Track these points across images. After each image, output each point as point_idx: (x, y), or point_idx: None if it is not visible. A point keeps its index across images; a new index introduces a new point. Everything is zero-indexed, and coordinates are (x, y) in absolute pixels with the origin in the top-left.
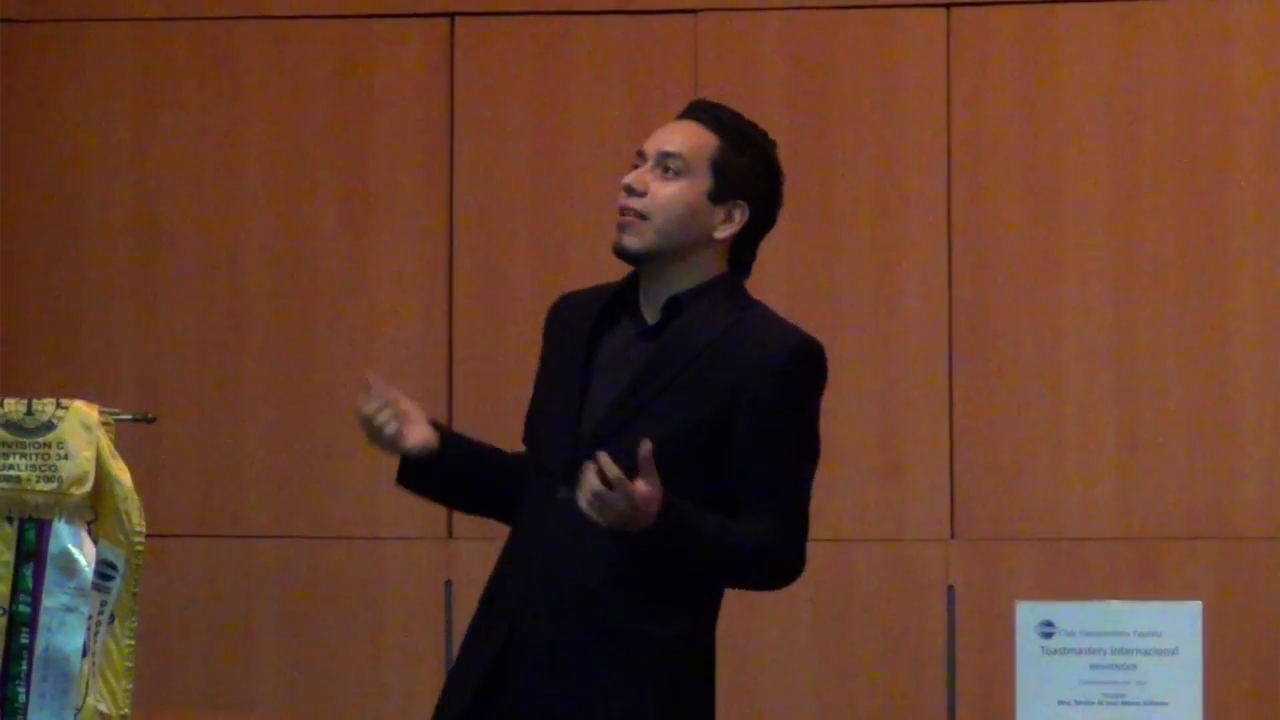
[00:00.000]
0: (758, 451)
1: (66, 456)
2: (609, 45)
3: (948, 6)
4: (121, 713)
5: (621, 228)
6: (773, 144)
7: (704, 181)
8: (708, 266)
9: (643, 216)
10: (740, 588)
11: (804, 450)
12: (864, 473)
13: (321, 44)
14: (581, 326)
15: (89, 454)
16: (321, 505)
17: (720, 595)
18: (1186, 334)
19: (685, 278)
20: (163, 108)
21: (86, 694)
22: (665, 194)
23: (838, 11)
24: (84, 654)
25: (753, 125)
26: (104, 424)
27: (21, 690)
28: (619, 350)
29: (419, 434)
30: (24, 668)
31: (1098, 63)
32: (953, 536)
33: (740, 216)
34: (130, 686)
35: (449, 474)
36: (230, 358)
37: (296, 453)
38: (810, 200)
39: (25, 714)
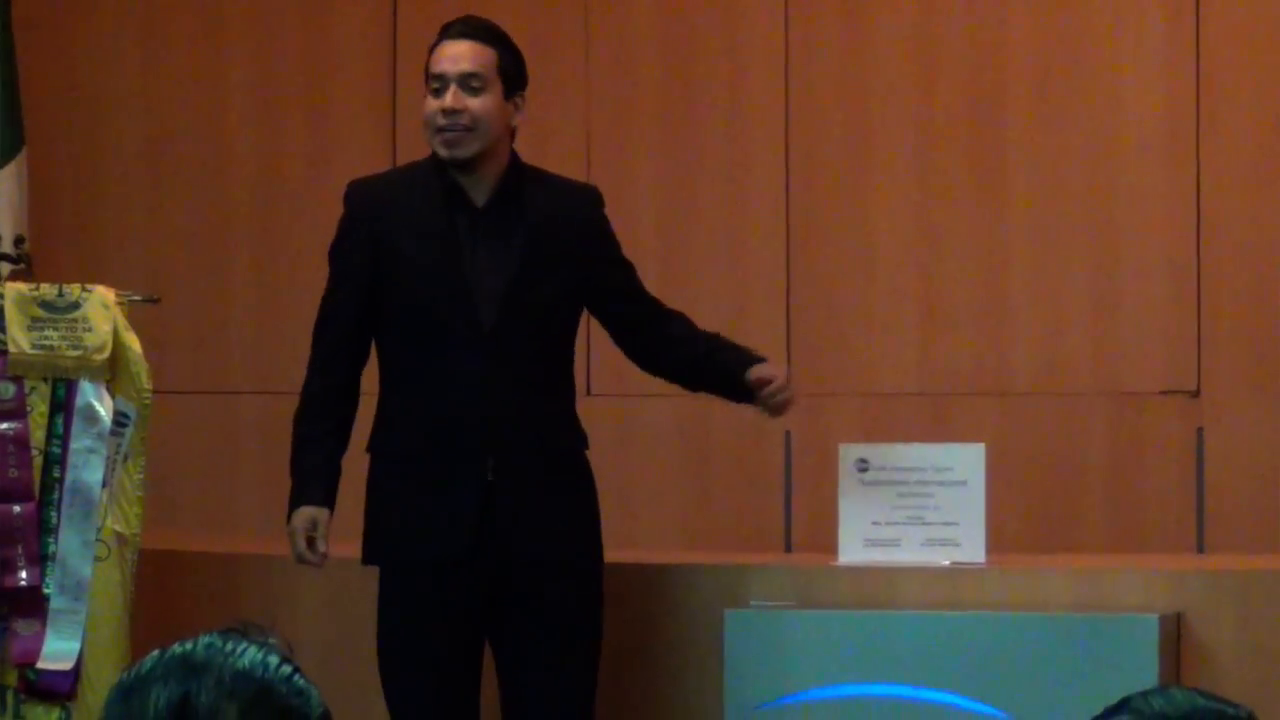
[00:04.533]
0: (623, 273)
1: (90, 329)
2: (517, 3)
3: None
4: (133, 531)
5: (451, 143)
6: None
7: (498, 87)
8: (504, 150)
9: (469, 129)
10: None
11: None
12: None
13: None
14: (430, 212)
15: (107, 327)
16: (293, 367)
17: None
18: (972, 228)
19: (495, 164)
20: (163, 47)
21: (106, 517)
22: (480, 107)
23: None
24: (103, 486)
25: (498, 25)
26: (119, 303)
27: (54, 514)
28: (467, 229)
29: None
30: (56, 496)
31: (904, 18)
32: None
33: (523, 103)
34: (140, 511)
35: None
36: (219, 250)
37: (272, 325)
38: (674, 130)
39: (57, 533)
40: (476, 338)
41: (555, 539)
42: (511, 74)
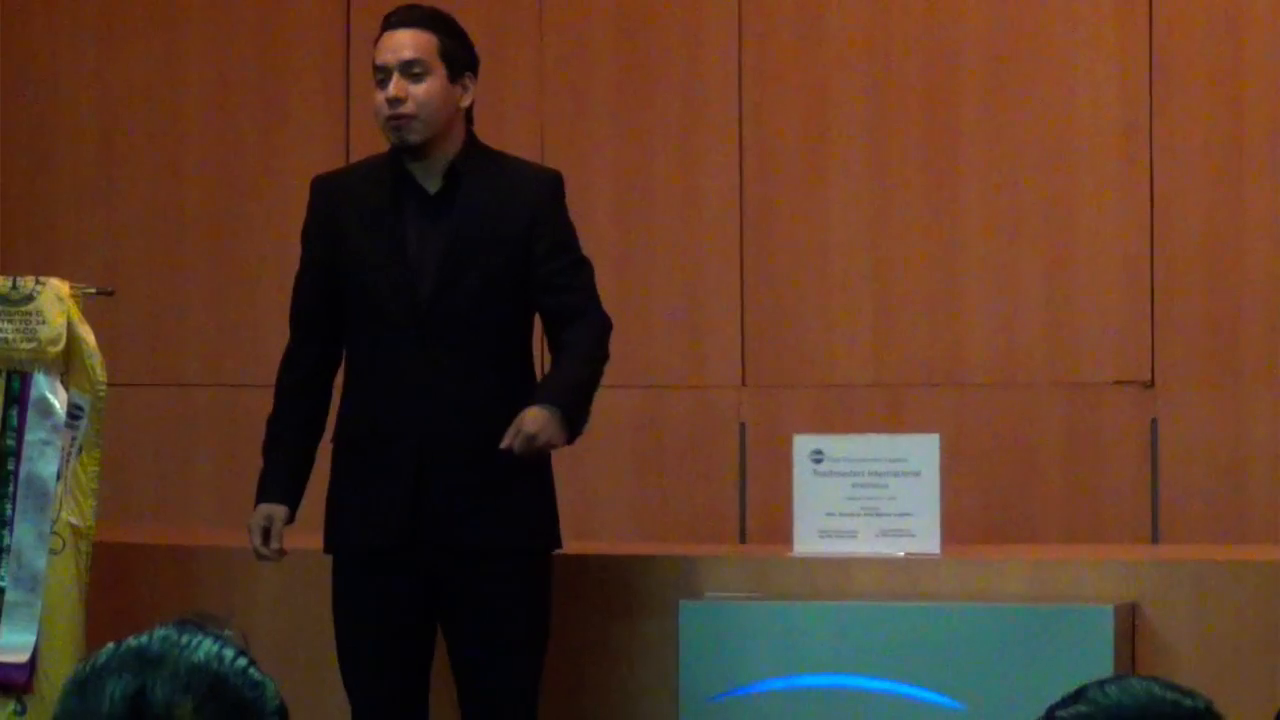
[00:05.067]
0: (556, 263)
1: (44, 322)
2: None
3: None
4: (88, 524)
5: (399, 129)
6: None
7: (441, 71)
8: (458, 133)
9: (414, 115)
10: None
11: (576, 243)
12: (673, 333)
13: None
14: (379, 200)
15: (62, 320)
16: (246, 359)
17: None
18: (926, 219)
19: (449, 148)
20: (119, 41)
21: (60, 509)
22: (423, 92)
23: None
24: (58, 478)
25: (440, 10)
26: (73, 296)
27: (8, 506)
28: (417, 217)
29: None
30: (10, 489)
31: (858, 11)
32: (744, 384)
33: (471, 84)
34: (95, 503)
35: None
36: (174, 243)
37: (227, 318)
38: (628, 121)
39: (11, 525)
40: (415, 323)
41: (493, 526)
42: (455, 57)
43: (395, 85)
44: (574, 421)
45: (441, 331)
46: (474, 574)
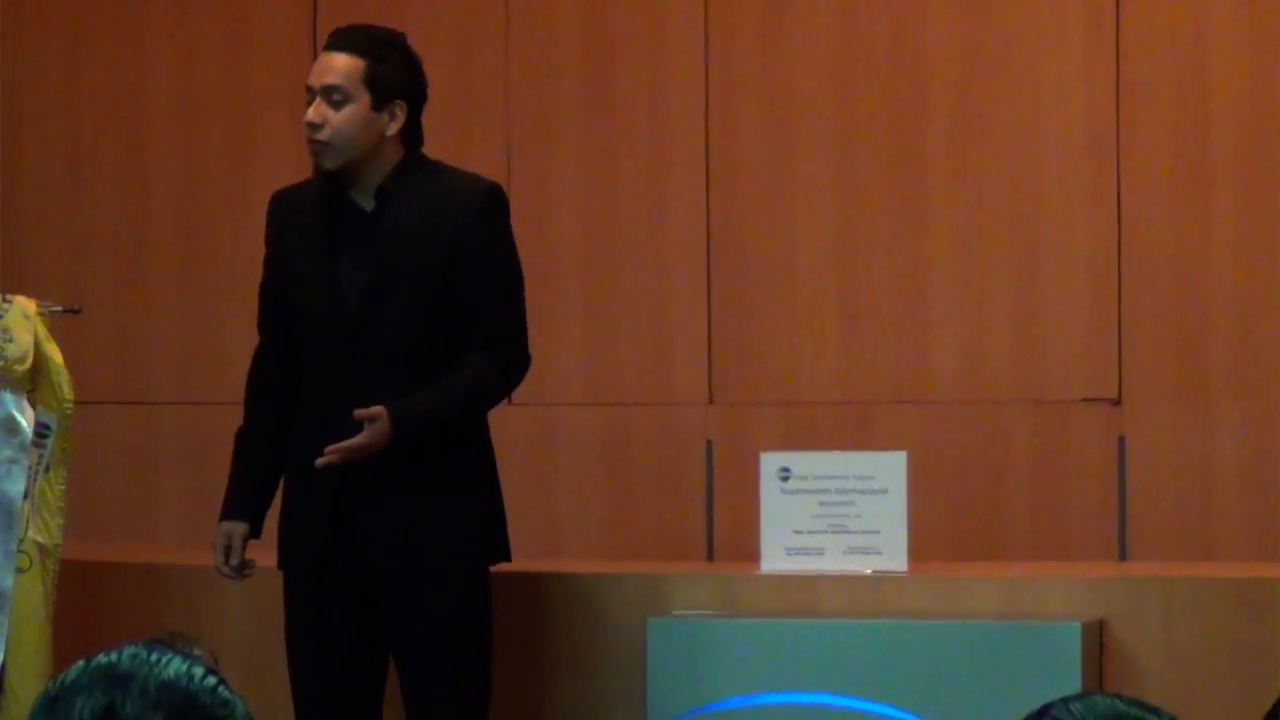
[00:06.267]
0: (479, 288)
1: (11, 340)
2: (436, 8)
3: None
4: (55, 542)
5: (316, 154)
6: (403, 36)
7: (364, 98)
8: (391, 156)
9: (327, 143)
10: (494, 405)
11: (512, 271)
12: (640, 350)
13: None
14: (316, 220)
15: (28, 338)
16: (213, 377)
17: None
18: (893, 235)
19: (379, 169)
20: (84, 54)
21: (27, 528)
22: (339, 120)
23: None
24: (25, 497)
25: (385, 31)
26: (40, 314)
27: None
28: (351, 236)
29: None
30: None
31: (824, 26)
32: (711, 401)
33: (401, 112)
34: (62, 522)
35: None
36: (141, 261)
37: (194, 336)
38: (594, 137)
39: None
40: (345, 342)
41: (417, 545)
42: (384, 83)
43: (314, 110)
44: (400, 448)
45: (370, 351)
46: (405, 594)
